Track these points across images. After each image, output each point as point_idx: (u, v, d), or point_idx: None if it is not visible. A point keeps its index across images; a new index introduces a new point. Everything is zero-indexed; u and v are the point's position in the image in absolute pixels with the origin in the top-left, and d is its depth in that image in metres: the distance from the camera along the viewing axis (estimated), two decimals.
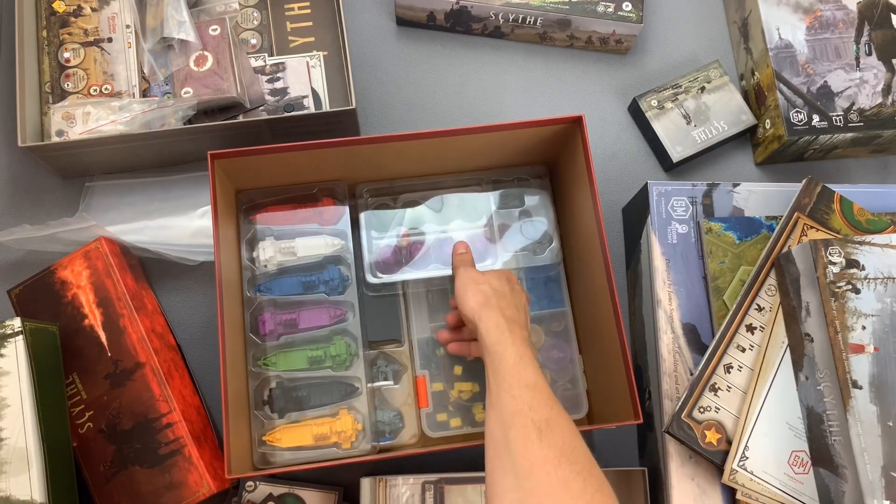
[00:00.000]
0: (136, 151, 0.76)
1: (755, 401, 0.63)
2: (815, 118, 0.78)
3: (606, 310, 0.65)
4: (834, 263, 0.62)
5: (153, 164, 0.79)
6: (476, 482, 0.67)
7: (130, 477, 0.65)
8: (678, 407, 0.63)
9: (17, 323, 0.62)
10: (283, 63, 0.81)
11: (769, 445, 0.62)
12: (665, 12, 0.90)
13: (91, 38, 0.80)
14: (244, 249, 0.72)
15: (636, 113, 0.85)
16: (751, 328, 0.66)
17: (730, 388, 0.64)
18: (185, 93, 0.75)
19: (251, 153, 0.66)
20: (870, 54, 0.81)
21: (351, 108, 0.74)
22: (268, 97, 0.80)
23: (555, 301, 0.75)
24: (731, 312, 0.66)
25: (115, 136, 0.73)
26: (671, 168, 0.83)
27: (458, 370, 0.72)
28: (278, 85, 0.80)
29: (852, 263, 0.62)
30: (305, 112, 0.77)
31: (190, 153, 0.77)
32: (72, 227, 0.72)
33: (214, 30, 0.78)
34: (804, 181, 0.70)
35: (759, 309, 0.66)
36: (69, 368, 0.68)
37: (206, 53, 0.76)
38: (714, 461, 0.62)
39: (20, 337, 0.61)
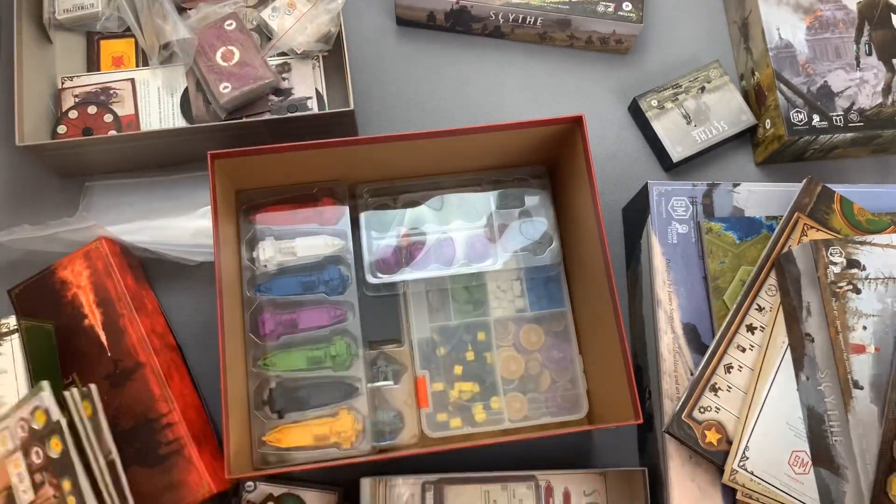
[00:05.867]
0: (136, 151, 0.76)
1: (755, 401, 0.63)
2: (816, 118, 0.78)
3: (606, 310, 0.65)
4: (835, 263, 0.62)
5: (153, 164, 0.79)
6: (476, 482, 0.67)
7: (130, 477, 0.65)
8: (678, 407, 0.63)
9: (12, 321, 0.62)
10: (288, 63, 0.81)
11: (770, 446, 0.62)
12: (665, 12, 0.90)
13: None
14: (244, 249, 0.72)
15: (636, 113, 0.85)
16: (751, 328, 0.66)
17: (730, 388, 0.64)
18: (224, 88, 0.75)
19: (251, 153, 0.66)
20: (870, 54, 0.81)
21: (349, 109, 0.74)
22: (272, 97, 0.80)
23: (555, 301, 0.75)
24: (731, 312, 0.66)
25: (114, 137, 0.73)
26: (671, 168, 0.83)
27: (458, 370, 0.72)
28: (283, 85, 0.80)
29: (853, 263, 0.62)
30: (302, 113, 0.77)
31: (190, 153, 0.77)
32: (72, 227, 0.72)
33: (230, 24, 0.78)
34: (804, 181, 0.70)
35: (760, 309, 0.66)
36: (69, 368, 0.68)
37: (230, 48, 0.77)
38: (714, 461, 0.62)
39: (16, 335, 0.62)
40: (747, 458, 0.62)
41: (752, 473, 0.62)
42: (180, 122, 0.79)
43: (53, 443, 0.52)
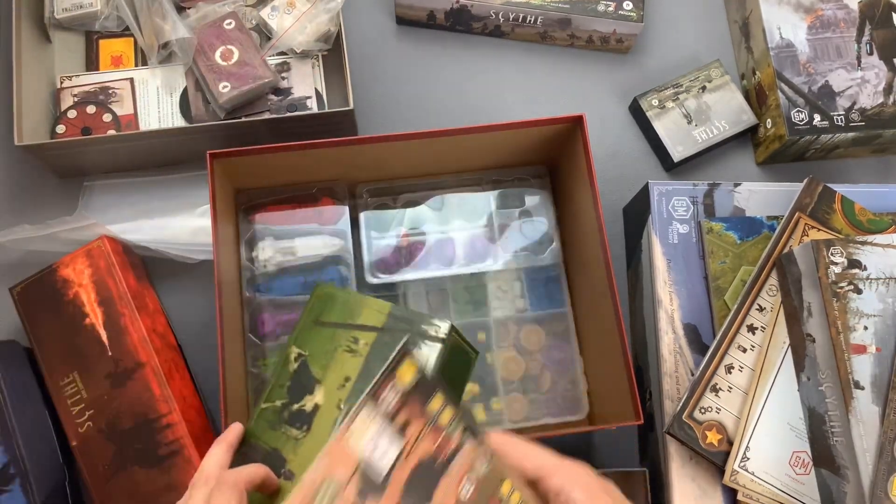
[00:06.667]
0: (135, 151, 0.76)
1: (756, 401, 0.63)
2: (817, 118, 0.78)
3: (607, 310, 0.65)
4: (836, 264, 0.62)
5: (152, 163, 0.79)
6: None
7: (130, 477, 0.65)
8: (679, 407, 0.63)
9: (445, 327, 0.56)
10: (288, 63, 0.81)
11: (770, 446, 0.62)
12: (666, 11, 0.90)
13: None
14: (243, 249, 0.72)
15: (637, 112, 0.85)
16: (752, 328, 0.66)
17: (731, 388, 0.64)
18: (223, 88, 0.75)
19: (250, 153, 0.65)
20: (871, 53, 0.80)
21: (349, 108, 0.74)
22: (271, 97, 0.80)
23: (555, 301, 0.75)
24: (732, 313, 0.66)
25: (113, 136, 0.73)
26: (672, 168, 0.83)
27: None
28: (283, 84, 0.80)
29: (854, 264, 0.62)
30: (301, 113, 0.77)
31: (189, 153, 0.77)
32: (72, 226, 0.71)
33: (229, 24, 0.78)
34: (805, 181, 0.70)
35: (761, 309, 0.66)
36: (69, 367, 0.68)
37: (230, 48, 0.77)
38: (715, 462, 0.62)
39: (439, 345, 0.55)
40: (748, 459, 0.62)
41: (752, 474, 0.61)
42: (179, 122, 0.79)
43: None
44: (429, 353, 0.55)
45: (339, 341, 0.57)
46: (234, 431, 0.56)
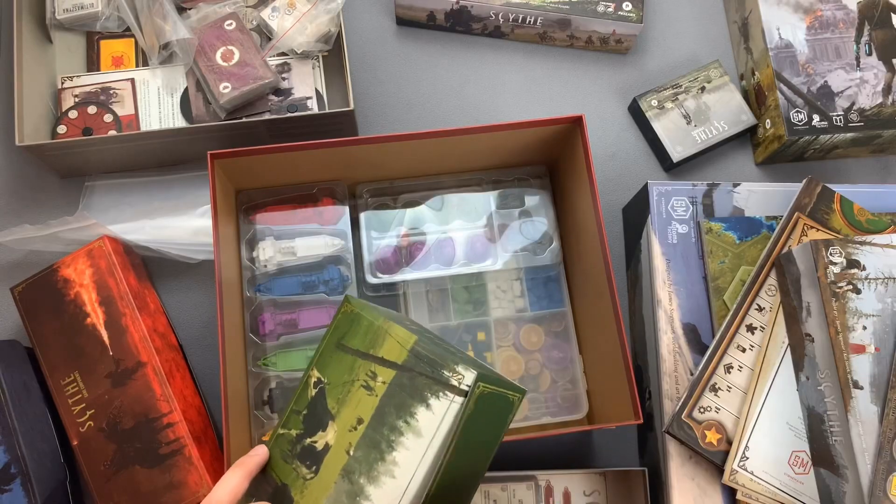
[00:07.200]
0: (136, 151, 0.76)
1: (755, 401, 0.63)
2: (816, 118, 0.78)
3: (606, 310, 0.65)
4: (835, 263, 0.62)
5: (153, 164, 0.79)
6: None
7: (130, 476, 0.65)
8: (678, 407, 0.63)
9: (469, 377, 0.48)
10: (288, 63, 0.81)
11: (769, 446, 0.62)
12: (665, 12, 0.90)
13: None
14: (244, 249, 0.72)
15: (636, 113, 0.85)
16: (751, 328, 0.66)
17: (730, 388, 0.64)
18: (223, 88, 0.76)
19: (251, 153, 0.66)
20: (870, 54, 0.81)
21: (349, 109, 0.74)
22: (272, 97, 0.80)
23: (555, 301, 0.75)
24: (731, 312, 0.66)
25: (114, 137, 0.73)
26: (671, 168, 0.83)
27: None
28: (283, 85, 0.80)
29: (853, 264, 0.62)
30: (302, 113, 0.77)
31: (190, 153, 0.77)
32: (73, 226, 0.72)
33: (230, 24, 0.79)
34: (804, 181, 0.70)
35: (760, 309, 0.66)
36: (70, 367, 0.68)
37: (230, 48, 0.77)
38: (714, 461, 0.62)
39: (459, 398, 0.48)
40: (747, 458, 0.62)
41: (752, 473, 0.62)
42: (180, 122, 0.79)
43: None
44: (447, 408, 0.48)
45: (358, 373, 0.52)
46: (256, 459, 0.52)
